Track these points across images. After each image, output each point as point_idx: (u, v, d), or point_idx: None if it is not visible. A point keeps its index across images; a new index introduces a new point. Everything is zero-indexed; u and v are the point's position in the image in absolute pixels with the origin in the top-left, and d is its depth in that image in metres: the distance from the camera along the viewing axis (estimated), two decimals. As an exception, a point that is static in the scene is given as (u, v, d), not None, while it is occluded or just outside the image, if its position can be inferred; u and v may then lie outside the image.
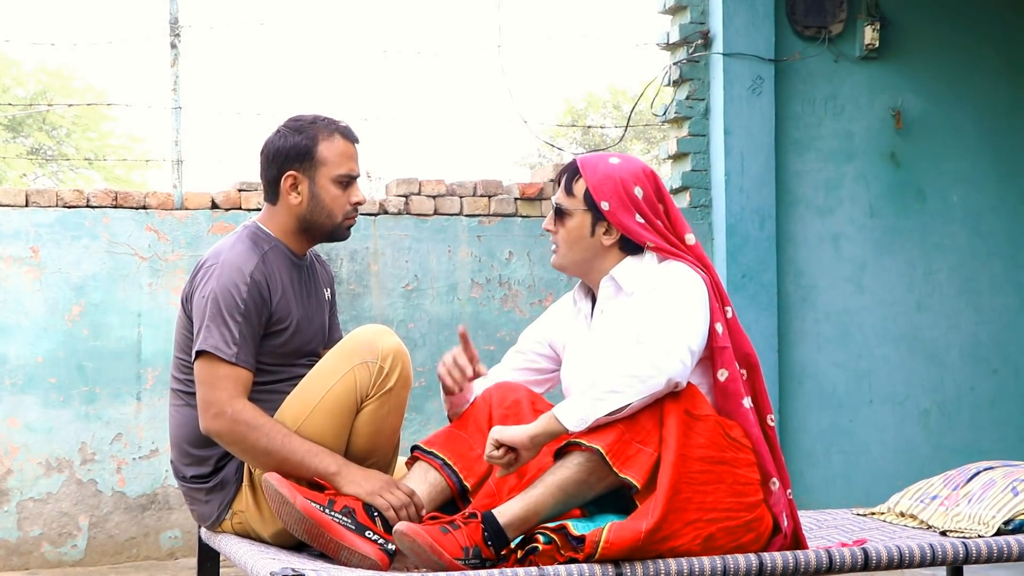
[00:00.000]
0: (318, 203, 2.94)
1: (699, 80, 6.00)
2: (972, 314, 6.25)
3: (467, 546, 2.48)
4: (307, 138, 2.93)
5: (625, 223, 2.76)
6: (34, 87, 21.30)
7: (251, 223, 3.02)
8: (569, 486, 2.54)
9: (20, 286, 5.24)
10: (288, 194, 2.95)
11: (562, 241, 2.83)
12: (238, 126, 33.11)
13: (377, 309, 5.64)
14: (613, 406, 2.50)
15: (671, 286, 2.67)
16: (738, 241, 5.86)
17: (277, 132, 2.99)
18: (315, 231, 2.99)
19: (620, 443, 2.50)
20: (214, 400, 2.78)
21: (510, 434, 2.57)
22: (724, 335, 2.69)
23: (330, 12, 27.56)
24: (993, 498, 3.07)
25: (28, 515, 5.21)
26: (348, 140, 2.98)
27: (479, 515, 2.54)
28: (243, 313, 2.81)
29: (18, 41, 19.98)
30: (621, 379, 2.51)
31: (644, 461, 2.51)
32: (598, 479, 2.54)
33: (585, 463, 2.53)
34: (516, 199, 5.93)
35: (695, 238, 2.83)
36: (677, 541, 2.50)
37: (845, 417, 6.04)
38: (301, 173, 2.93)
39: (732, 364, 2.68)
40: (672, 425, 2.53)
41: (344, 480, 2.73)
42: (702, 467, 2.54)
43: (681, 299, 2.64)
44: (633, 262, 2.79)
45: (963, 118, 6.28)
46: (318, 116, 3.00)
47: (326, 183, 2.94)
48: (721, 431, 2.60)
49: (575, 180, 2.82)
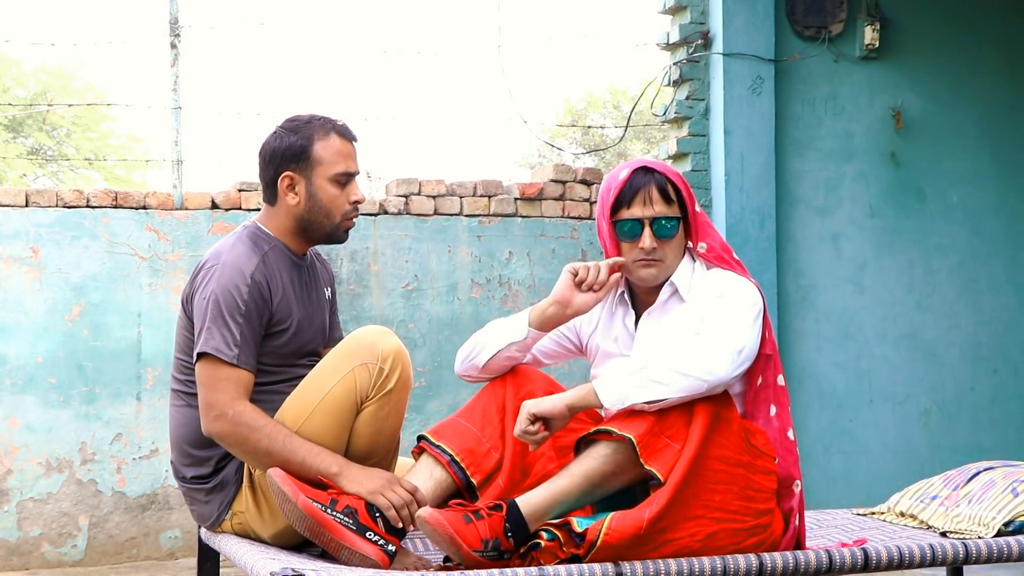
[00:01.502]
0: (316, 203, 2.94)
1: (699, 80, 6.00)
2: (972, 314, 6.25)
3: (487, 538, 2.48)
4: (303, 138, 2.93)
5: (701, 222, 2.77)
6: (34, 87, 21.29)
7: (251, 223, 3.01)
8: (595, 476, 2.54)
9: (20, 286, 5.24)
10: (286, 195, 2.94)
11: (670, 254, 2.74)
12: (238, 126, 33.09)
13: (377, 309, 5.64)
14: (653, 396, 2.52)
15: (734, 295, 2.68)
16: (738, 241, 5.86)
17: (273, 133, 2.98)
18: (313, 232, 2.98)
19: (650, 435, 2.51)
20: (215, 402, 2.78)
21: (547, 405, 2.60)
22: (768, 342, 2.70)
23: (330, 12, 27.57)
24: (993, 499, 3.07)
25: (28, 515, 5.21)
26: (345, 139, 2.97)
27: (504, 506, 2.53)
28: (244, 314, 2.81)
29: (18, 41, 19.99)
30: (668, 372, 2.52)
31: (670, 456, 2.51)
32: (624, 470, 2.55)
33: (612, 454, 2.54)
34: (516, 199, 5.93)
35: None
36: (677, 533, 2.51)
37: (845, 417, 6.04)
38: (298, 173, 2.93)
39: (769, 372, 2.70)
40: (699, 423, 2.54)
41: (346, 479, 2.72)
42: (717, 466, 2.55)
43: (742, 309, 2.65)
44: (687, 266, 2.78)
45: (963, 118, 6.28)
46: (314, 115, 2.99)
47: (323, 182, 2.93)
48: (744, 435, 2.61)
49: (667, 186, 2.74)
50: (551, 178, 6.03)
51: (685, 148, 6.02)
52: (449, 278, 5.76)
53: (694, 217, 2.77)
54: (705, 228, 2.78)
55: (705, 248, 2.76)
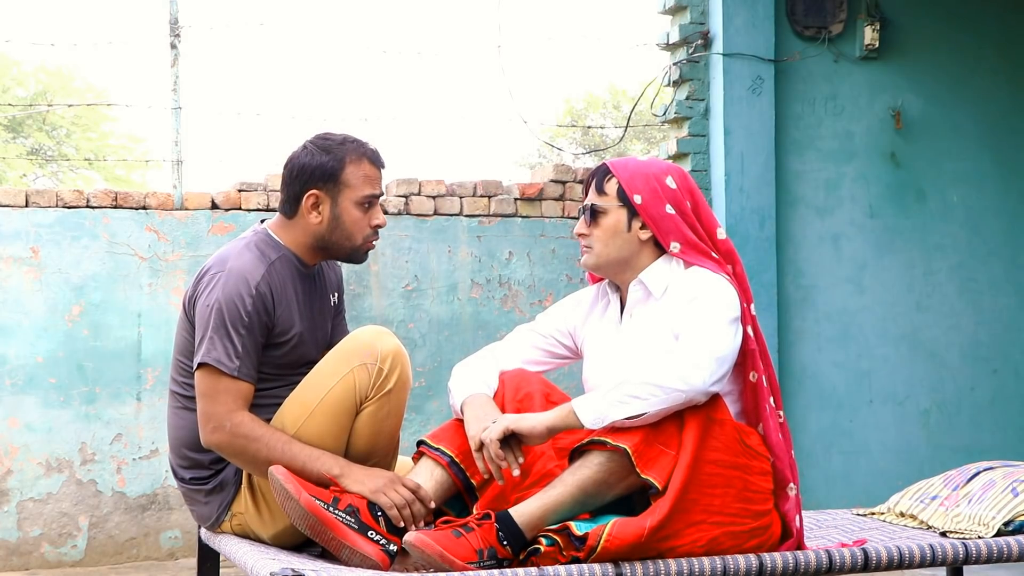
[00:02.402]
0: (339, 225, 2.90)
1: (699, 80, 6.00)
2: (972, 314, 6.25)
3: (481, 548, 2.47)
4: (335, 159, 2.87)
5: (657, 215, 2.74)
6: (34, 87, 21.30)
7: (261, 229, 2.97)
8: (589, 486, 2.53)
9: (20, 286, 5.25)
10: (309, 213, 2.89)
11: (597, 240, 2.79)
12: (238, 126, 33.07)
13: (377, 309, 5.64)
14: (632, 412, 2.50)
15: (708, 299, 2.64)
16: (738, 241, 5.85)
17: (304, 148, 2.92)
18: (332, 251, 2.94)
19: (644, 444, 2.49)
20: (213, 414, 2.77)
21: (527, 425, 2.59)
22: (753, 338, 2.69)
23: (330, 12, 27.58)
24: (993, 499, 3.06)
25: (28, 515, 5.21)
26: (375, 165, 2.92)
27: (492, 515, 2.53)
28: (247, 326, 2.79)
29: (18, 41, 19.96)
30: (645, 387, 2.50)
31: (666, 463, 2.50)
32: (619, 479, 2.53)
33: (606, 463, 2.52)
34: (516, 199, 5.93)
35: (725, 233, 2.83)
36: (679, 541, 2.50)
37: (845, 417, 6.04)
38: (324, 193, 2.88)
39: (759, 365, 2.68)
40: (692, 428, 2.52)
41: (348, 480, 2.71)
42: (713, 470, 2.53)
43: (715, 313, 2.61)
44: (662, 265, 2.77)
45: (963, 118, 6.28)
46: (347, 137, 2.93)
47: (349, 206, 2.88)
48: (737, 437, 2.59)
49: (606, 179, 2.80)
50: (551, 178, 6.03)
51: (685, 148, 6.02)
52: (449, 278, 5.76)
53: (660, 218, 2.75)
54: (675, 227, 2.75)
55: (679, 248, 2.75)
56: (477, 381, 2.81)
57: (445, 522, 2.57)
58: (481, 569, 2.45)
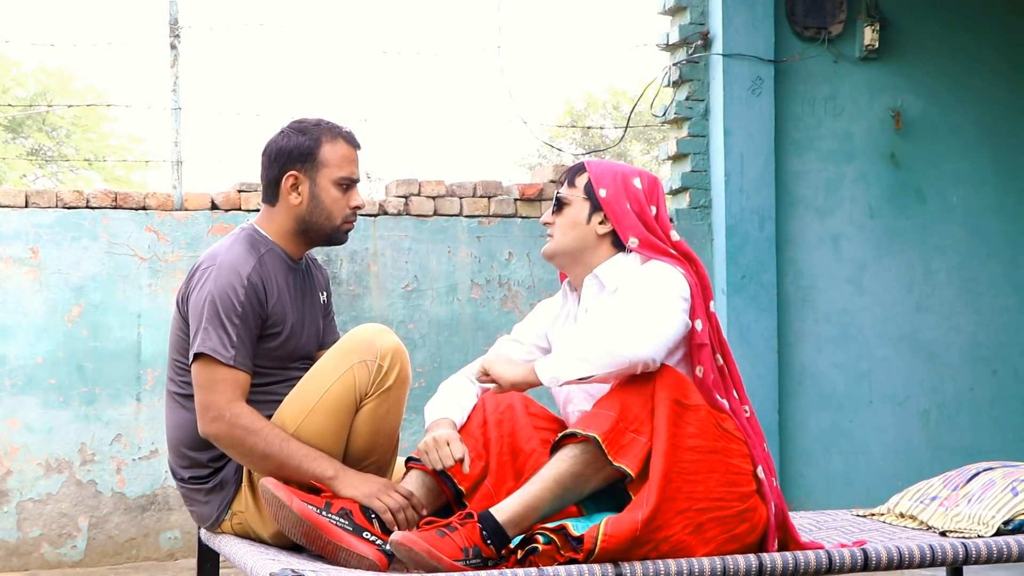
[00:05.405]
0: (318, 204, 2.95)
1: (699, 81, 6.00)
2: (972, 314, 6.25)
3: (466, 547, 2.48)
4: (311, 139, 2.94)
5: (618, 211, 2.84)
6: (34, 88, 21.29)
7: (248, 225, 3.02)
8: (565, 479, 2.56)
9: (20, 286, 5.25)
10: (288, 194, 2.95)
11: (557, 228, 2.91)
12: (238, 126, 33.11)
13: (377, 310, 5.64)
14: (581, 373, 2.61)
15: (652, 278, 2.74)
16: (738, 242, 5.86)
17: (280, 132, 3.00)
18: (313, 233, 2.99)
19: (615, 432, 2.54)
20: (212, 403, 2.78)
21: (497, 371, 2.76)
22: (704, 332, 2.73)
23: (330, 13, 27.57)
24: (993, 498, 3.07)
25: (28, 516, 5.21)
26: (351, 145, 2.99)
27: (475, 515, 2.54)
28: (240, 316, 2.81)
29: (18, 41, 19.94)
30: (594, 351, 2.60)
31: (638, 450, 2.54)
32: (594, 470, 2.56)
33: (580, 454, 2.56)
34: (516, 200, 5.93)
35: (679, 235, 2.91)
36: (669, 531, 2.52)
37: (845, 417, 6.04)
38: (303, 173, 2.94)
39: (710, 361, 2.72)
40: (662, 414, 2.56)
41: (341, 484, 2.73)
42: (692, 456, 2.57)
43: (660, 289, 2.70)
44: (619, 261, 2.86)
45: (963, 118, 6.28)
46: (322, 119, 3.01)
47: (327, 184, 2.95)
48: (713, 421, 2.63)
49: (578, 174, 2.93)
50: (551, 179, 6.03)
51: (685, 149, 6.02)
52: (449, 279, 5.76)
53: (622, 213, 2.84)
54: (632, 224, 2.83)
55: (637, 243, 2.83)
56: (450, 404, 2.91)
57: (428, 523, 2.59)
58: (468, 568, 2.46)
